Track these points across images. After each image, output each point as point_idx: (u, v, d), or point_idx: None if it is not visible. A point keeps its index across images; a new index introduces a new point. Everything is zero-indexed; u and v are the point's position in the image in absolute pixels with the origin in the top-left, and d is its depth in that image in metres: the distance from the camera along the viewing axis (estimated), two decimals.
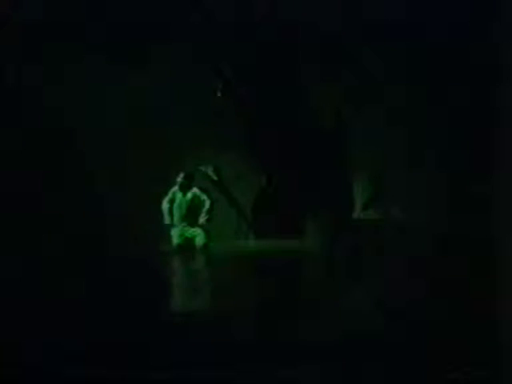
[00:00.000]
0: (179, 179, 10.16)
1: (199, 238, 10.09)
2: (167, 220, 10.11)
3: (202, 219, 10.07)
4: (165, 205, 10.14)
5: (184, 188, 10.16)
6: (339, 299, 5.93)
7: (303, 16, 10.98)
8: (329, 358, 3.91)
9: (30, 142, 10.65)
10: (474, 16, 10.41)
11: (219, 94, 11.26)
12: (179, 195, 10.16)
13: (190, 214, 10.13)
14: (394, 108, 11.06)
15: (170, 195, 10.16)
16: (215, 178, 11.20)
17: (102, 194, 10.86)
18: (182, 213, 10.13)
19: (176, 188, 10.18)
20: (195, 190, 10.20)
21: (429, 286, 6.74)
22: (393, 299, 5.91)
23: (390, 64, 10.97)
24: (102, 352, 3.99)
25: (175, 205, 10.15)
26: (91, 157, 10.93)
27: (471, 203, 10.43)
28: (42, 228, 10.34)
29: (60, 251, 9.29)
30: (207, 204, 10.10)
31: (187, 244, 10.10)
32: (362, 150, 11.36)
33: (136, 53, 10.89)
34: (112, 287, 6.55)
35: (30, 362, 3.77)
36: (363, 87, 11.10)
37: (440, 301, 5.81)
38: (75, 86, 10.74)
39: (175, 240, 10.12)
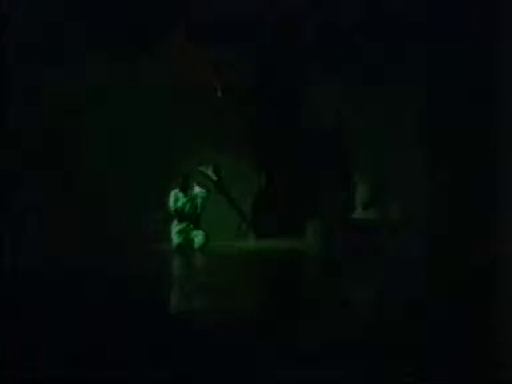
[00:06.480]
0: (180, 181, 10.17)
1: (198, 239, 10.09)
2: (176, 220, 10.11)
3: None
4: (171, 207, 10.12)
5: (185, 189, 10.15)
6: (339, 299, 5.93)
7: (304, 16, 11.00)
8: (328, 358, 3.92)
9: (29, 142, 10.67)
10: (474, 16, 10.43)
11: (219, 94, 11.27)
12: (180, 196, 10.13)
13: (191, 214, 10.14)
14: (394, 108, 11.07)
15: (173, 197, 10.12)
16: (215, 177, 11.20)
17: (101, 194, 10.87)
18: (183, 213, 10.12)
19: (177, 190, 10.14)
20: (196, 190, 10.19)
21: (428, 285, 6.75)
22: (392, 299, 5.92)
23: (390, 64, 10.99)
24: (101, 352, 4.00)
25: (177, 206, 10.12)
26: (91, 156, 10.95)
27: (471, 203, 10.44)
28: (41, 227, 10.36)
29: (59, 251, 9.29)
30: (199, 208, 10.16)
31: (187, 244, 10.09)
32: (362, 149, 11.38)
33: (136, 53, 10.91)
34: (111, 287, 6.56)
35: (30, 362, 3.78)
36: (363, 87, 11.11)
37: (439, 301, 5.82)
38: (75, 86, 10.76)
39: (175, 240, 10.10)
